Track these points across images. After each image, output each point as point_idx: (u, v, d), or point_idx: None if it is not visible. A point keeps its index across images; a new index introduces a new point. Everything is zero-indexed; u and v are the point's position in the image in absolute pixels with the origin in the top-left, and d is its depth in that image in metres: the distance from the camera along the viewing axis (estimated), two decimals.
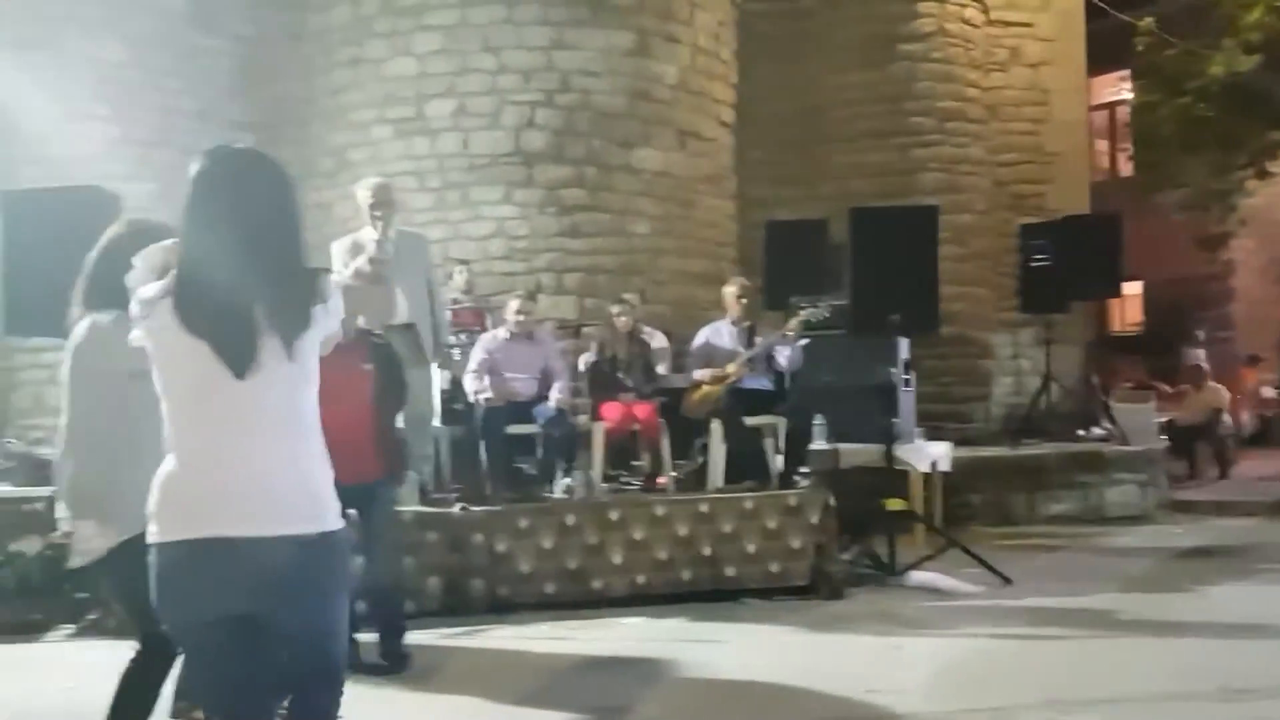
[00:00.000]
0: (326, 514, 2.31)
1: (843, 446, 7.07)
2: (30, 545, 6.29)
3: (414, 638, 5.20)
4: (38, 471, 6.06)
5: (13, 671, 5.14)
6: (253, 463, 2.24)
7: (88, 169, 8.18)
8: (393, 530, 5.38)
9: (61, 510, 3.20)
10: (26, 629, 5.85)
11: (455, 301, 7.85)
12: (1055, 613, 5.90)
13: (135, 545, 2.67)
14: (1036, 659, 5.08)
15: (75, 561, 3.21)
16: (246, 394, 2.24)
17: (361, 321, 5.17)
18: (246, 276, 2.24)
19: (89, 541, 3.10)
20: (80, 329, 3.15)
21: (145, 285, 2.33)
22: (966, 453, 9.07)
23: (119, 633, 5.14)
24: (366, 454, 4.97)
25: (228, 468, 2.24)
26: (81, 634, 5.71)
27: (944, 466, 8.04)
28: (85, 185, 6.22)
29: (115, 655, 4.46)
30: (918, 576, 6.57)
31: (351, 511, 5.14)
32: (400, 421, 6.11)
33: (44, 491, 6.05)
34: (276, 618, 2.25)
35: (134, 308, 2.32)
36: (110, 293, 2.92)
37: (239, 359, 2.22)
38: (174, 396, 2.29)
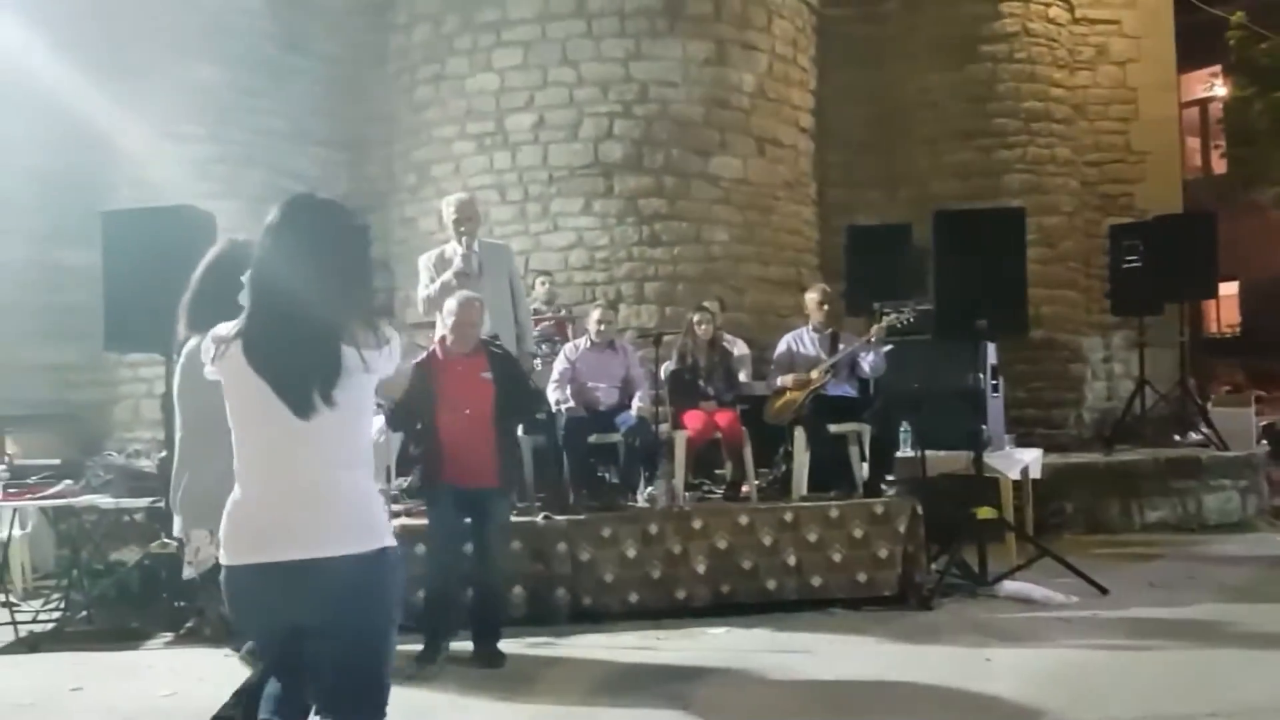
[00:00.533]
0: (378, 532, 2.48)
1: (930, 454, 6.93)
2: (130, 555, 6.49)
3: (499, 646, 5.27)
4: (136, 483, 6.20)
5: (115, 678, 5.28)
6: (311, 492, 2.43)
7: (182, 189, 8.44)
8: (503, 537, 5.49)
9: (177, 520, 3.30)
10: (127, 637, 6.01)
11: (537, 312, 7.92)
12: (1153, 624, 5.73)
13: None
14: (1134, 671, 4.93)
15: (187, 573, 3.31)
16: (305, 431, 2.42)
17: (482, 332, 5.31)
18: (300, 327, 2.42)
19: (201, 551, 3.20)
20: (190, 346, 3.24)
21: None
22: (1058, 459, 8.87)
23: (215, 640, 5.31)
24: (486, 461, 5.10)
25: (289, 498, 2.43)
26: (179, 642, 5.83)
27: (1035, 473, 7.86)
28: (180, 205, 6.40)
29: (212, 662, 4.57)
30: (1009, 586, 6.43)
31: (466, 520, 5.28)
32: (521, 430, 6.23)
33: (142, 503, 6.24)
34: (332, 629, 2.43)
35: (207, 344, 2.51)
36: (215, 310, 3.01)
37: (299, 402, 2.41)
38: (241, 429, 2.50)
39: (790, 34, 10.18)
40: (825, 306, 7.22)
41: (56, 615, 6.24)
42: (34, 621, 6.18)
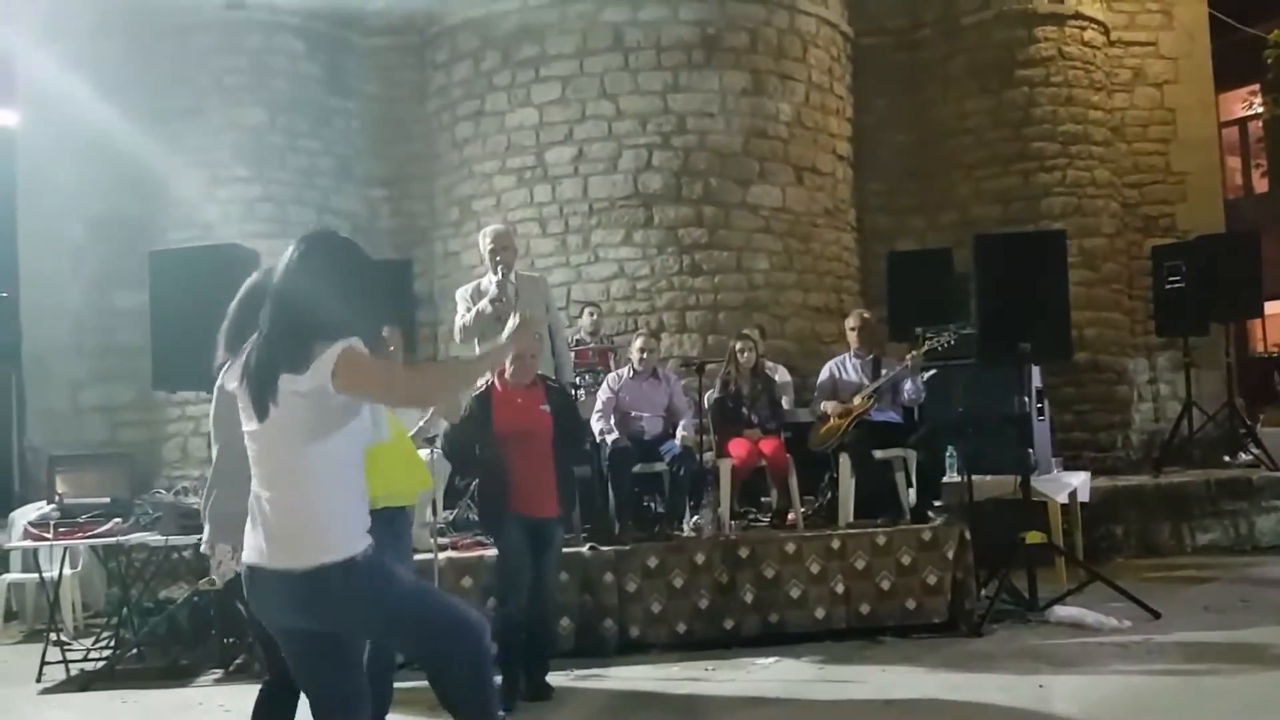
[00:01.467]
0: (321, 550, 2.69)
1: (976, 478, 6.87)
2: (179, 592, 6.56)
3: (547, 678, 5.25)
4: (185, 521, 6.24)
5: (167, 715, 5.33)
6: (269, 504, 2.74)
7: (230, 230, 8.63)
8: (558, 567, 5.51)
9: (205, 533, 3.43)
10: (177, 673, 6.06)
11: (580, 342, 7.97)
12: (1208, 648, 5.63)
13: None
14: (1191, 697, 4.84)
15: (206, 583, 3.49)
16: (264, 439, 2.75)
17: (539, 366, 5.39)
18: (260, 348, 2.77)
19: (223, 565, 3.31)
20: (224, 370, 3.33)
21: None
22: (1106, 482, 8.77)
23: (265, 676, 5.34)
24: (547, 492, 5.15)
25: (259, 505, 2.77)
26: (230, 678, 5.87)
27: (1083, 497, 7.77)
28: (225, 244, 6.51)
29: None
30: (1061, 612, 6.34)
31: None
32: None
33: (190, 540, 6.24)
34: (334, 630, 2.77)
35: (221, 361, 2.97)
36: (247, 336, 3.12)
37: (255, 407, 2.74)
38: (241, 439, 2.85)
39: (826, 63, 10.23)
40: (863, 332, 7.20)
41: (107, 653, 6.30)
42: (85, 660, 6.25)
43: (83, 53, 9.58)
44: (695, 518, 6.64)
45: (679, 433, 6.81)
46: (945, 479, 7.11)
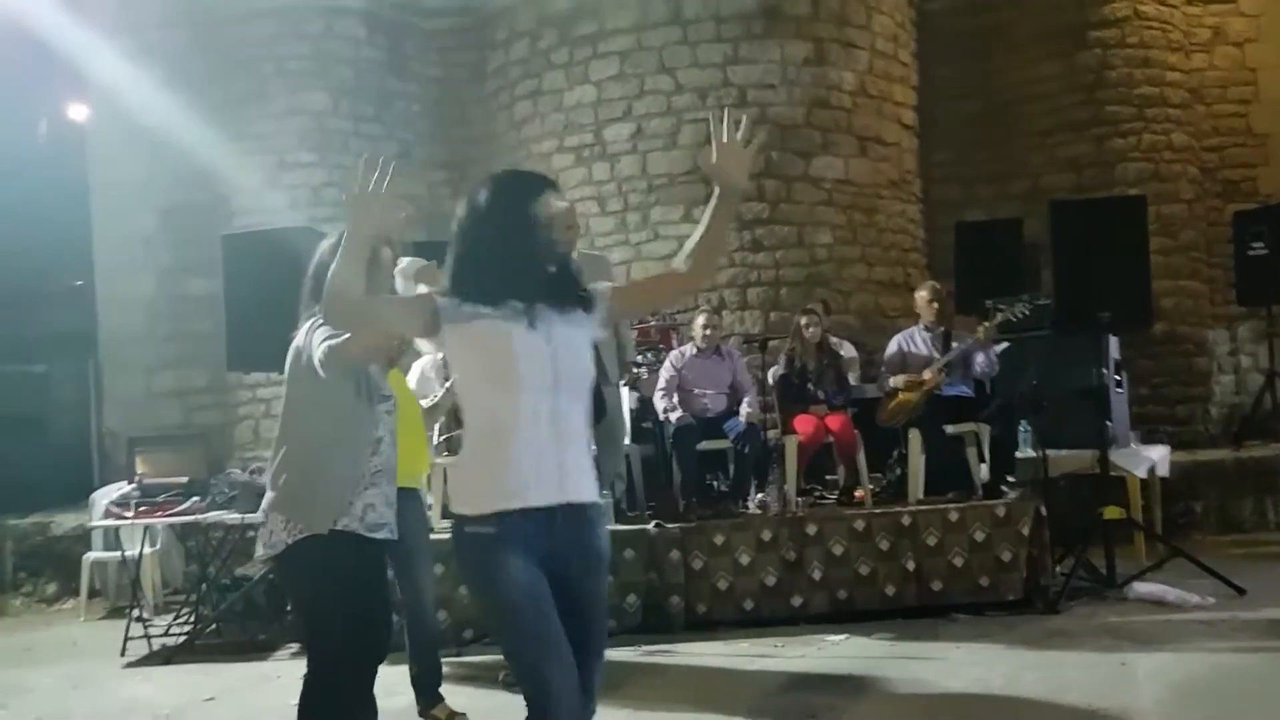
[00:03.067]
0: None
1: (1052, 453, 6.71)
2: (255, 569, 6.67)
3: (614, 654, 5.22)
4: (259, 499, 6.33)
5: (245, 689, 5.43)
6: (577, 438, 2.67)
7: (295, 214, 8.72)
8: None
9: (263, 502, 3.34)
10: (254, 648, 6.19)
11: (642, 321, 7.91)
12: None
13: (311, 544, 3.21)
14: None
15: (259, 554, 3.40)
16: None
17: None
18: None
19: (274, 535, 3.25)
20: (299, 334, 3.31)
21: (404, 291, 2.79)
22: (1185, 456, 8.52)
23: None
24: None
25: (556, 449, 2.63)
26: (305, 653, 5.95)
27: (1162, 471, 7.56)
28: (297, 226, 6.56)
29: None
30: (1141, 588, 6.17)
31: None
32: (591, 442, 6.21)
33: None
34: None
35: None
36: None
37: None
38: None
39: (890, 29, 10.02)
40: (935, 304, 7.05)
41: (187, 629, 6.46)
42: (166, 635, 6.43)
43: (149, 45, 9.72)
44: (760, 495, 6.58)
45: (743, 409, 6.76)
46: (1019, 454, 6.94)
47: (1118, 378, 7.60)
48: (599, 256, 7.06)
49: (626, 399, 7.01)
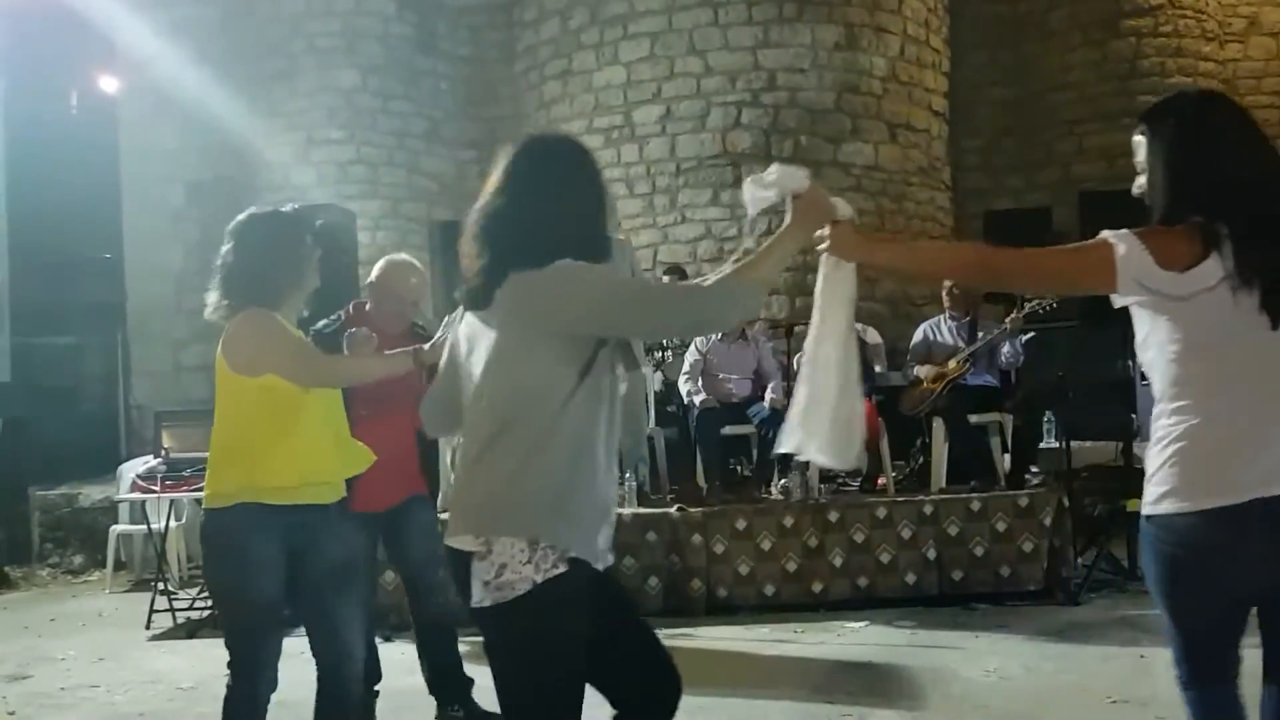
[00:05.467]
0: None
1: (1075, 445, 6.68)
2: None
3: None
4: None
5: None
6: None
7: (324, 191, 8.75)
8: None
9: (470, 515, 2.66)
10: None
11: None
12: None
13: (567, 584, 2.16)
14: None
15: (477, 598, 2.21)
16: None
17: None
18: None
19: (506, 570, 2.24)
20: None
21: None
22: None
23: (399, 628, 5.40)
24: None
25: None
26: None
27: None
28: (324, 204, 6.60)
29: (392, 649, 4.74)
30: None
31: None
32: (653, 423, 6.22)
33: None
34: None
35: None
36: None
37: None
38: None
39: (922, 15, 9.96)
40: (956, 292, 7.02)
41: (211, 603, 6.51)
42: (190, 609, 6.47)
43: (179, 19, 9.76)
44: (783, 481, 6.58)
45: (768, 395, 6.75)
46: (1042, 445, 6.92)
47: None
48: (621, 241, 7.02)
49: (651, 382, 7.03)
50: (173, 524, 7.17)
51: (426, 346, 3.25)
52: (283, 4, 9.89)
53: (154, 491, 6.65)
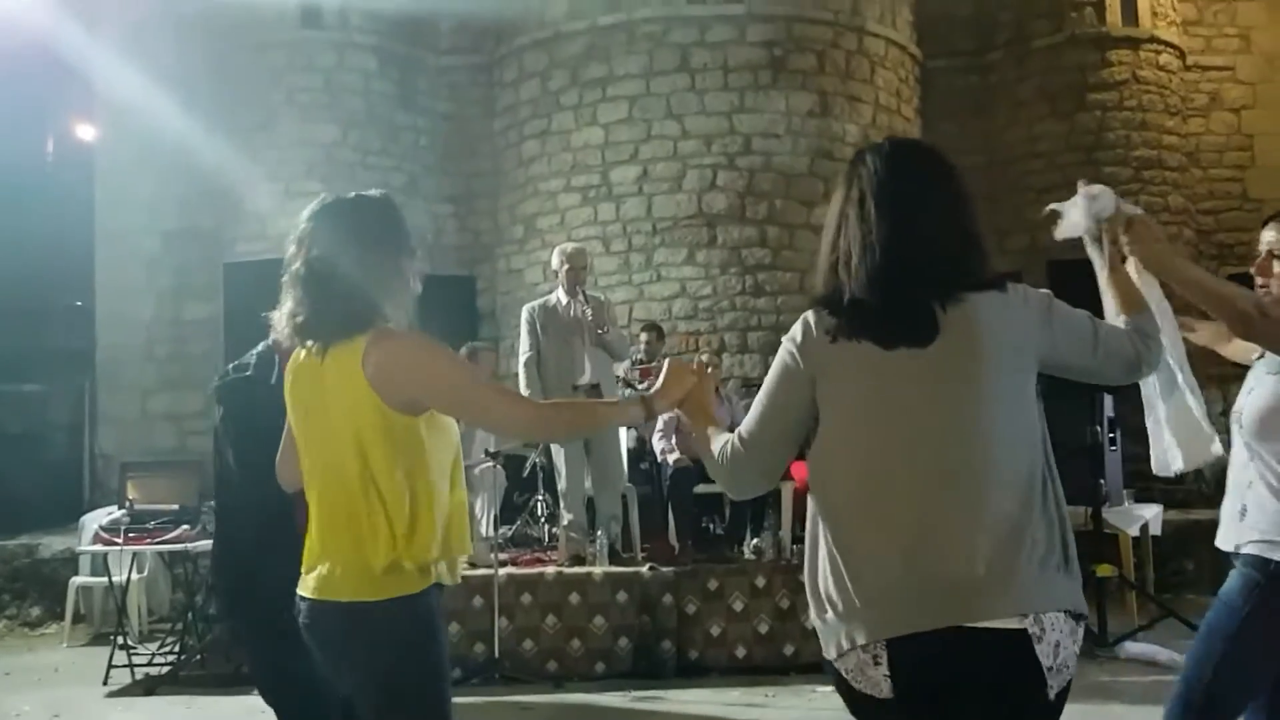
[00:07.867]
0: None
1: None
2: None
3: (603, 699, 5.20)
4: None
5: None
6: None
7: None
8: None
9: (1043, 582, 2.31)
10: (239, 681, 5.88)
11: (640, 362, 7.94)
12: None
13: None
14: None
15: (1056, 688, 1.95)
16: None
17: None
18: None
19: (1063, 649, 1.90)
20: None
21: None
22: (1178, 515, 8.54)
23: None
24: None
25: None
26: None
27: (1155, 530, 7.58)
28: None
29: None
30: (1132, 648, 6.17)
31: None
32: (589, 482, 6.25)
33: None
34: None
35: None
36: None
37: None
38: None
39: (894, 84, 10.17)
40: None
41: (172, 658, 6.38)
42: (150, 664, 6.34)
43: (160, 69, 9.79)
44: (756, 540, 6.58)
45: None
46: None
47: (1112, 435, 7.64)
48: (601, 300, 7.04)
49: (624, 438, 7.03)
50: (134, 576, 7.05)
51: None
52: (265, 57, 9.96)
53: (116, 544, 6.53)
